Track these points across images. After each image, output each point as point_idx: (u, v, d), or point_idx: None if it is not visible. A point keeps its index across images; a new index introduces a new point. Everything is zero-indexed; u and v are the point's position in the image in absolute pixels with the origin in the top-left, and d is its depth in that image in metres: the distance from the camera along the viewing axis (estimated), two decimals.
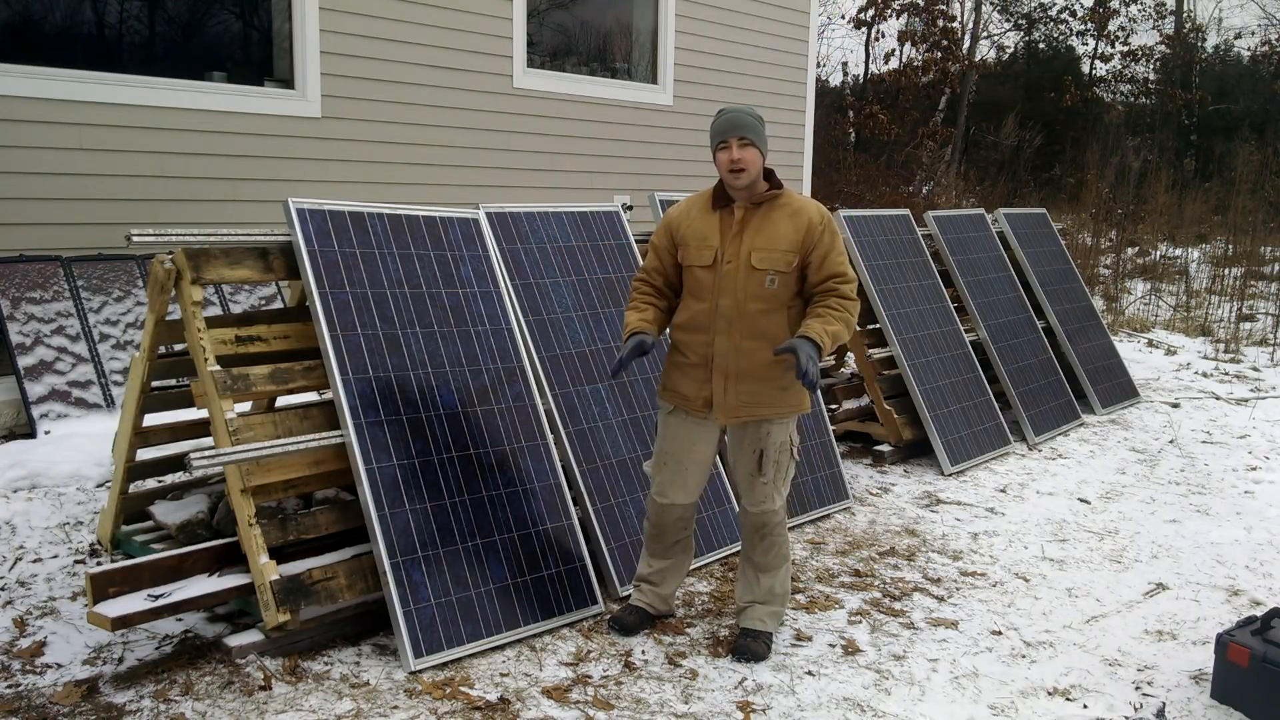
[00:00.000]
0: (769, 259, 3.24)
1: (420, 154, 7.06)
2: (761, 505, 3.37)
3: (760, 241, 3.25)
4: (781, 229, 3.25)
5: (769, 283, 3.24)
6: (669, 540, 3.52)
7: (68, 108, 5.56)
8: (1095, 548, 4.58)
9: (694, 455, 3.41)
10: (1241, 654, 3.14)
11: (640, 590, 3.59)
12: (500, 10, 7.42)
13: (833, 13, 24.98)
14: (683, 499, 3.44)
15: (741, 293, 3.25)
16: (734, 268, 3.25)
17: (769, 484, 3.36)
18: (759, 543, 3.42)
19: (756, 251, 3.24)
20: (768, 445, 3.33)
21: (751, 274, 3.24)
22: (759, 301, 3.25)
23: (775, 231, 3.25)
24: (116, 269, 5.53)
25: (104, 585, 3.06)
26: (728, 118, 3.23)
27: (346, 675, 3.13)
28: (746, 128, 3.21)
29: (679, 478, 3.42)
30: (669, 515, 3.46)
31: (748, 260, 3.24)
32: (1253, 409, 7.33)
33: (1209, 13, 42.45)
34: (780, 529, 3.42)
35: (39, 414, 4.91)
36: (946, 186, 17.09)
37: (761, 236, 3.25)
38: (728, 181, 3.27)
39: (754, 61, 9.39)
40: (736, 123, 3.21)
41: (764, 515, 3.38)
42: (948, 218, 6.83)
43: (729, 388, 3.29)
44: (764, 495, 3.36)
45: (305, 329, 3.61)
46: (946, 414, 5.78)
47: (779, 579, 3.47)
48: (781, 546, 3.44)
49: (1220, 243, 14.99)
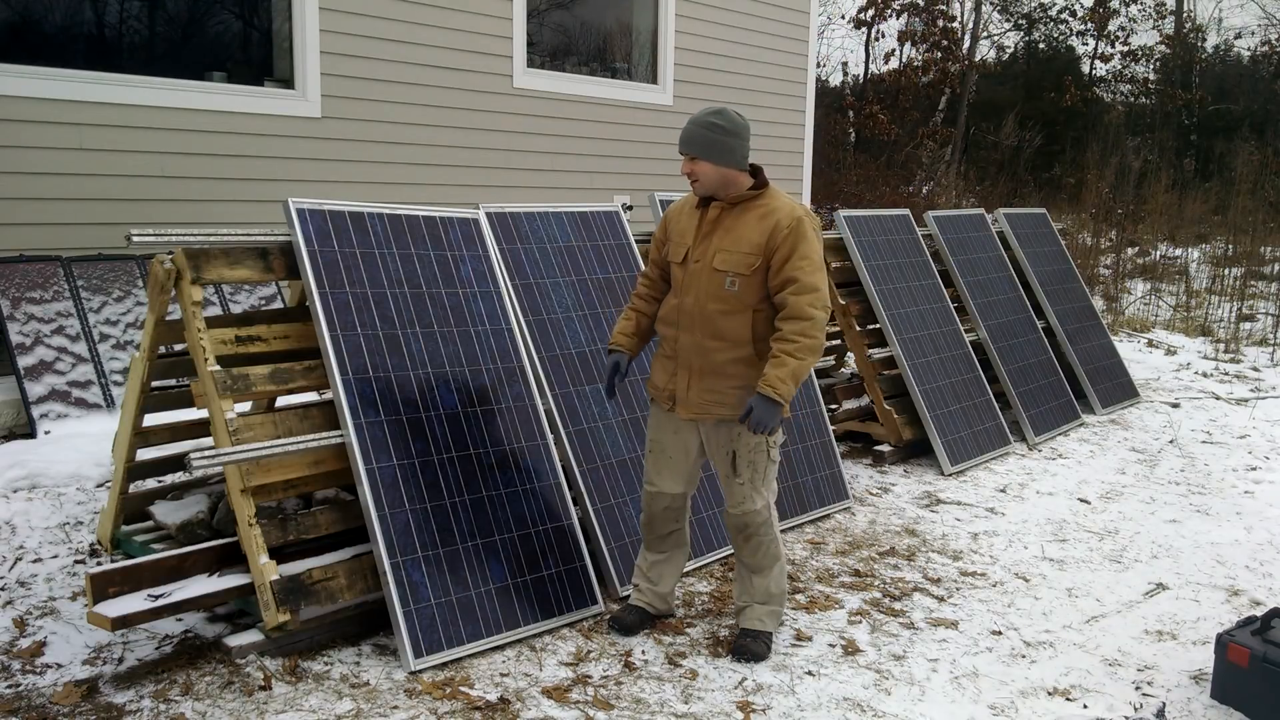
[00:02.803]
0: (729, 260, 3.25)
1: (420, 154, 7.06)
2: (740, 506, 3.37)
3: (726, 243, 3.27)
4: (748, 232, 3.25)
5: (728, 285, 3.25)
6: (660, 530, 3.52)
7: (68, 108, 5.56)
8: (1095, 548, 4.58)
9: (677, 444, 3.43)
10: (1241, 654, 3.14)
11: (639, 590, 3.59)
12: (500, 10, 7.42)
13: (833, 13, 25.00)
14: (669, 488, 3.45)
15: (703, 293, 3.28)
16: (699, 267, 3.30)
17: (745, 485, 3.35)
18: (745, 544, 3.42)
19: (720, 253, 3.27)
20: (739, 446, 3.33)
21: (713, 275, 3.27)
22: (719, 302, 3.27)
23: (741, 234, 3.26)
24: (116, 269, 5.53)
25: (104, 585, 3.06)
26: (683, 131, 3.28)
27: (346, 675, 3.13)
28: (693, 143, 3.24)
29: (664, 465, 3.45)
30: (658, 504, 3.48)
31: (711, 261, 3.27)
32: (1253, 409, 7.33)
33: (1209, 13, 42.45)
34: (766, 529, 3.40)
35: (39, 414, 4.91)
36: (946, 186, 17.08)
37: (729, 238, 3.27)
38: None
39: (754, 61, 9.39)
40: (686, 137, 3.27)
41: (745, 516, 3.37)
42: (948, 218, 6.83)
43: (693, 383, 3.32)
44: (742, 496, 3.36)
45: (305, 329, 3.61)
46: (946, 414, 5.78)
47: (773, 578, 3.46)
48: (770, 546, 3.43)
49: (1220, 243, 14.99)
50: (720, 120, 3.25)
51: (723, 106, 3.33)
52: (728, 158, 3.24)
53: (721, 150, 3.24)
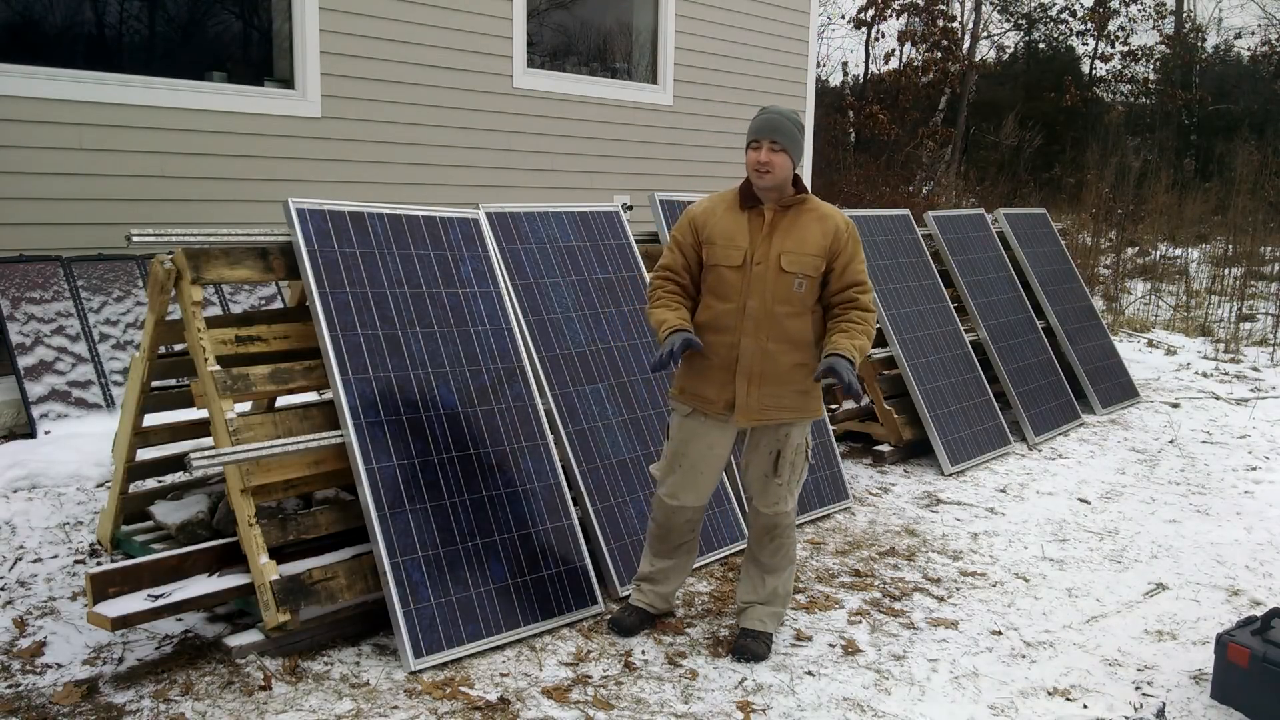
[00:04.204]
0: (798, 262, 3.22)
1: (420, 154, 7.06)
2: (775, 506, 3.37)
3: (790, 244, 3.23)
4: (810, 233, 3.25)
5: (797, 286, 3.23)
6: (675, 542, 3.51)
7: (68, 108, 5.56)
8: (1095, 548, 4.58)
9: (710, 458, 3.38)
10: (1241, 654, 3.14)
11: (641, 590, 3.58)
12: (500, 10, 7.42)
13: (833, 13, 24.99)
14: (693, 501, 3.42)
15: (770, 295, 3.23)
16: (763, 269, 3.23)
17: (783, 485, 3.36)
18: (768, 544, 3.42)
19: (786, 254, 3.23)
20: (785, 447, 3.33)
21: (781, 276, 3.23)
22: (786, 304, 3.24)
23: (804, 235, 3.24)
24: (116, 269, 5.53)
25: (104, 585, 3.06)
26: (765, 118, 3.22)
27: (346, 675, 3.13)
28: (781, 131, 3.19)
29: (692, 480, 3.39)
30: (679, 517, 3.44)
31: (777, 262, 3.23)
32: (1253, 409, 7.33)
33: (1209, 13, 42.45)
34: (790, 531, 3.42)
35: (39, 414, 4.91)
36: (946, 186, 17.08)
37: (791, 239, 3.24)
38: (753, 180, 3.26)
39: (754, 61, 9.39)
40: (772, 125, 3.20)
41: (777, 516, 3.38)
42: (948, 218, 6.83)
43: (752, 390, 3.26)
44: (778, 497, 3.36)
45: (305, 329, 3.61)
46: (946, 414, 5.78)
47: (784, 580, 3.47)
48: (789, 548, 3.45)
49: (1220, 243, 14.98)
50: (799, 119, 3.27)
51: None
52: (800, 157, 3.26)
53: (800, 148, 3.25)
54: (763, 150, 3.19)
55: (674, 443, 3.42)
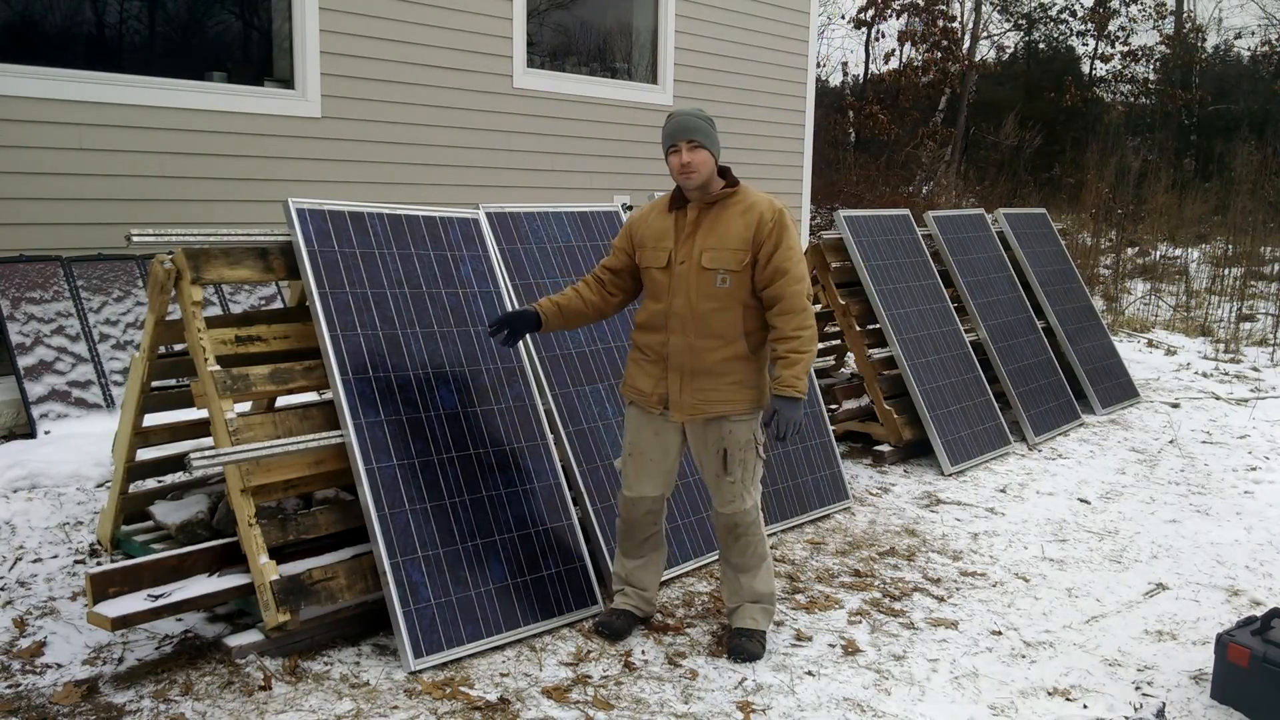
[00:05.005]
0: (718, 258, 3.25)
1: (420, 154, 7.06)
2: (731, 505, 3.37)
3: (711, 241, 3.27)
4: (733, 227, 3.27)
5: (720, 282, 3.25)
6: (640, 536, 3.52)
7: (68, 108, 5.56)
8: (1095, 548, 4.58)
9: (658, 445, 3.42)
10: (1241, 654, 3.14)
11: (625, 594, 3.58)
12: (500, 10, 7.42)
13: (833, 13, 24.98)
14: (649, 491, 3.44)
15: (694, 293, 3.27)
16: (686, 268, 3.28)
17: (737, 484, 3.35)
18: (734, 544, 3.42)
19: (707, 251, 3.26)
20: (731, 444, 3.33)
21: (702, 274, 3.26)
22: (711, 300, 3.27)
23: (726, 230, 3.27)
24: (116, 269, 5.53)
25: (104, 585, 3.06)
26: (677, 122, 3.26)
27: (346, 675, 3.13)
28: (695, 130, 3.23)
29: (645, 468, 3.44)
30: (638, 509, 3.47)
31: (699, 260, 3.27)
32: (1253, 409, 7.33)
33: (1209, 13, 42.44)
34: (754, 528, 3.40)
35: (39, 414, 4.91)
36: (946, 186, 17.08)
37: (713, 236, 3.27)
38: (680, 184, 3.31)
39: (754, 61, 9.39)
40: (685, 126, 3.24)
41: (735, 516, 3.37)
42: (948, 218, 6.83)
43: (684, 385, 3.31)
44: (732, 495, 3.36)
45: (305, 329, 3.61)
46: (946, 414, 5.78)
47: (760, 578, 3.46)
48: (758, 546, 3.43)
49: (1220, 243, 14.99)
50: (707, 114, 3.33)
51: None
52: (718, 149, 3.30)
53: (715, 141, 3.29)
54: (682, 152, 3.23)
55: (625, 434, 3.50)
